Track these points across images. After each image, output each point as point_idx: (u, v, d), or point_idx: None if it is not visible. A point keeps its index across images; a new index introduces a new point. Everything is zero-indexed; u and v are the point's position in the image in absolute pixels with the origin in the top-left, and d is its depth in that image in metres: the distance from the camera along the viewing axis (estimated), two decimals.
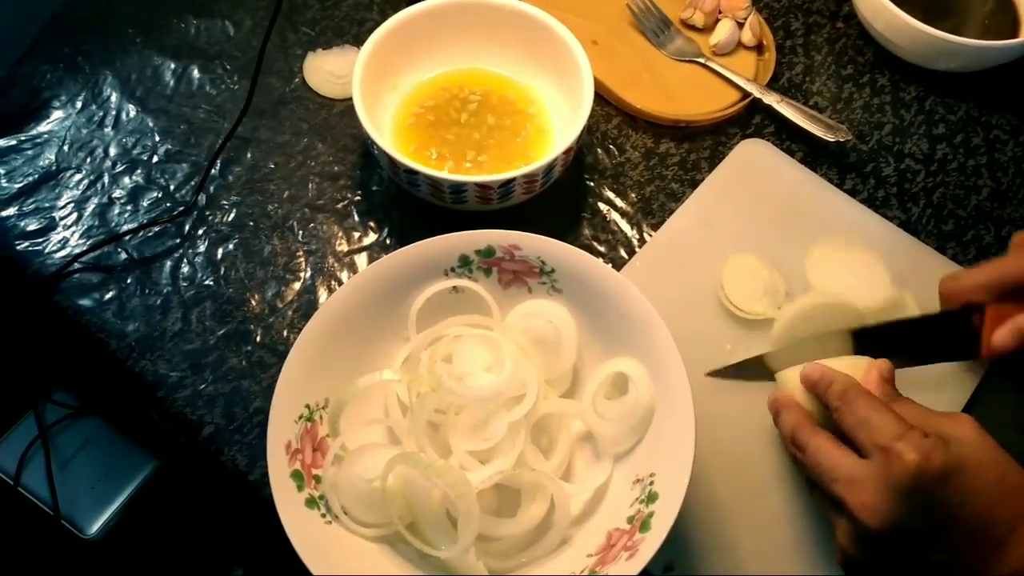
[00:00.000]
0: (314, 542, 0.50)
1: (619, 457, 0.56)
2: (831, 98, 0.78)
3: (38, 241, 0.69)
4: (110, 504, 1.00)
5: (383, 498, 0.52)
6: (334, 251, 0.69)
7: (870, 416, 0.47)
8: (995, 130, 0.77)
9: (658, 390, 0.54)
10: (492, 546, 0.53)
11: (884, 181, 0.74)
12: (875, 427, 0.47)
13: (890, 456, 0.45)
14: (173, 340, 0.65)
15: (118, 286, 0.67)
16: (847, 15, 0.83)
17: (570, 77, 0.68)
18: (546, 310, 0.59)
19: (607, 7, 0.80)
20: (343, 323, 0.56)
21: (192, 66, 0.77)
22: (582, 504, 0.56)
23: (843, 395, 0.49)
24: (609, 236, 0.70)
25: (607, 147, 0.75)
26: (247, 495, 0.60)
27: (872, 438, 0.46)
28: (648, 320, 0.54)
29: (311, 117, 0.75)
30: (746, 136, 0.75)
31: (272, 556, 0.55)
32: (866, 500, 0.45)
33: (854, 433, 0.48)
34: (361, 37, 0.71)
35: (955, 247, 0.71)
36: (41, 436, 1.00)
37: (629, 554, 0.49)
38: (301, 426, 0.54)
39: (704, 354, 0.63)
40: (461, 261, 0.59)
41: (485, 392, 0.54)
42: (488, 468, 0.54)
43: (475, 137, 0.70)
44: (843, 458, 0.48)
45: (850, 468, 0.47)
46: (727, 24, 0.78)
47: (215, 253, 0.68)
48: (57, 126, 0.74)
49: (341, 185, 0.72)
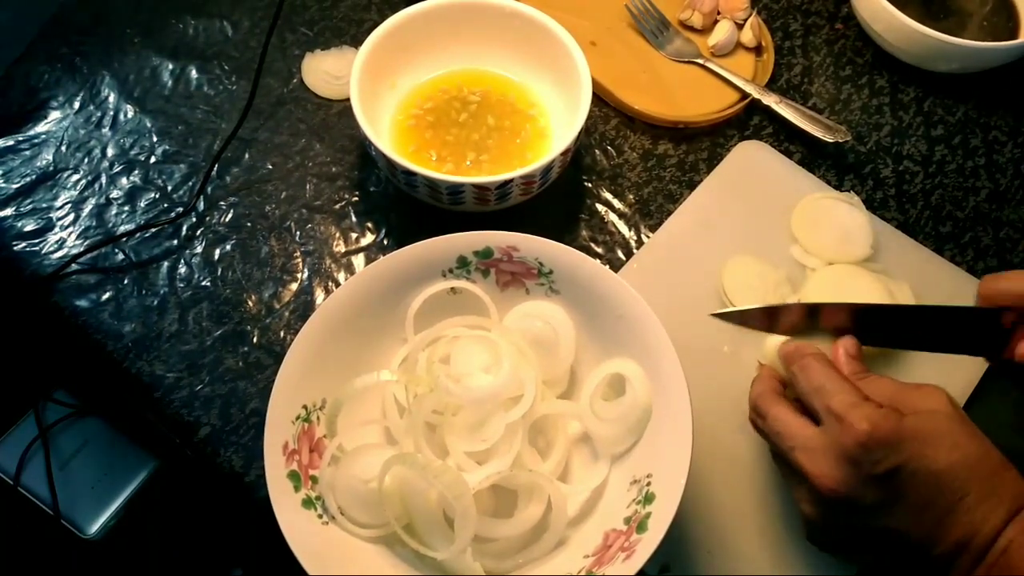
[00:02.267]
0: (311, 543, 0.50)
1: (616, 458, 0.56)
2: (830, 99, 0.78)
3: (35, 242, 0.69)
4: (110, 504, 1.00)
5: (380, 499, 0.52)
6: (331, 252, 0.69)
7: (824, 383, 0.49)
8: (994, 131, 0.77)
9: (655, 391, 0.54)
10: (489, 547, 0.53)
11: (882, 182, 0.74)
12: (828, 393, 0.48)
13: (843, 424, 0.46)
14: (170, 341, 0.65)
15: (115, 287, 0.67)
16: (846, 16, 0.83)
17: (568, 78, 0.68)
18: (544, 311, 0.59)
19: (606, 8, 0.80)
20: (340, 324, 0.56)
21: (190, 67, 0.77)
22: (579, 505, 0.56)
23: (800, 362, 0.51)
24: (607, 237, 0.70)
25: (605, 148, 0.74)
26: (244, 496, 0.60)
27: (825, 404, 0.48)
28: (645, 321, 0.54)
29: (309, 118, 0.75)
30: (744, 137, 0.75)
31: (271, 557, 0.55)
32: (823, 467, 0.46)
33: (808, 399, 0.49)
34: (359, 38, 0.71)
35: (953, 248, 0.71)
36: (41, 436, 1.00)
37: (626, 555, 0.49)
38: (298, 427, 0.54)
39: (702, 356, 0.63)
40: (459, 262, 0.59)
41: (482, 393, 0.54)
42: (485, 469, 0.54)
43: (474, 138, 0.70)
44: (800, 427, 0.49)
45: (807, 436, 0.48)
46: (726, 25, 0.78)
47: (212, 254, 0.68)
48: (55, 127, 0.74)
49: (339, 186, 0.72)
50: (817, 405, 0.49)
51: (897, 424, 0.46)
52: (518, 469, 0.54)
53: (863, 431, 0.45)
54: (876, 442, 0.45)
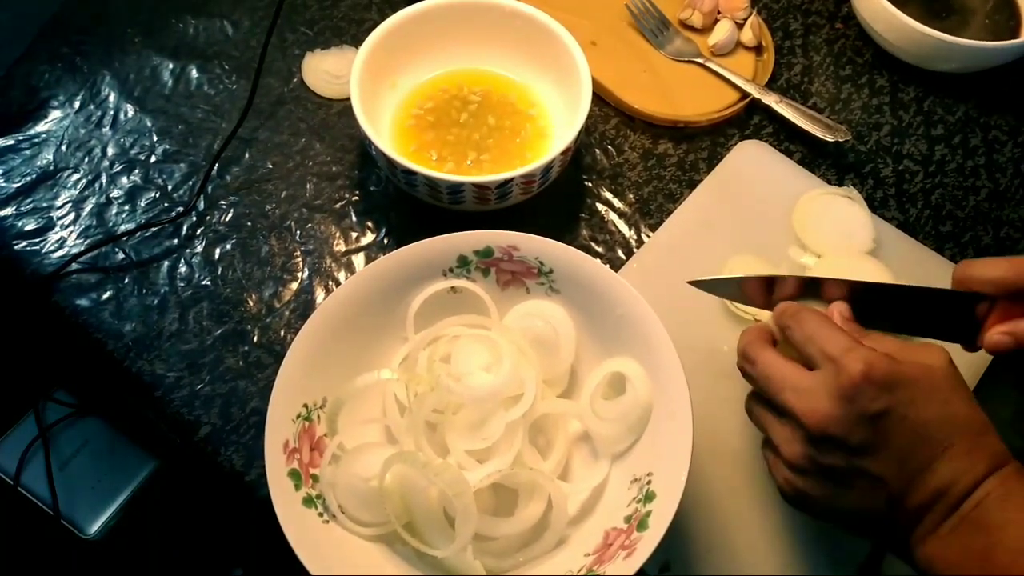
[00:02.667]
0: (311, 541, 0.50)
1: (617, 457, 0.56)
2: (830, 99, 0.78)
3: (36, 241, 0.69)
4: (110, 504, 1.00)
5: (380, 497, 0.52)
6: (332, 251, 0.69)
7: (818, 330, 0.49)
8: (994, 131, 0.77)
9: (655, 390, 0.54)
10: (489, 545, 0.53)
11: (883, 182, 0.74)
12: (823, 339, 0.48)
13: (838, 366, 0.46)
14: (170, 340, 0.65)
15: (115, 286, 0.67)
16: (846, 16, 0.83)
17: (568, 78, 0.68)
18: (544, 310, 0.59)
19: (606, 8, 0.80)
20: (341, 323, 0.56)
21: (190, 66, 0.77)
22: (579, 504, 0.56)
23: (795, 314, 0.51)
24: (607, 237, 0.70)
25: (605, 148, 0.75)
26: (244, 495, 0.60)
27: (821, 349, 0.48)
28: (645, 320, 0.54)
29: (309, 117, 0.75)
30: (744, 137, 0.75)
31: (271, 556, 0.55)
32: (815, 406, 0.47)
33: (803, 347, 0.50)
34: (360, 37, 0.71)
35: (953, 248, 0.71)
36: (41, 436, 1.00)
37: (626, 553, 0.49)
38: (299, 425, 0.54)
39: (702, 355, 0.63)
40: (459, 261, 0.59)
41: (483, 392, 0.54)
42: (486, 467, 0.54)
43: (475, 138, 0.70)
44: (791, 369, 0.49)
45: (799, 378, 0.48)
46: (726, 24, 0.78)
47: (212, 253, 0.69)
48: (55, 126, 0.74)
49: (339, 185, 0.72)
50: (812, 351, 0.49)
51: (892, 367, 0.46)
52: (519, 468, 0.54)
53: (858, 370, 0.46)
54: (870, 381, 0.46)
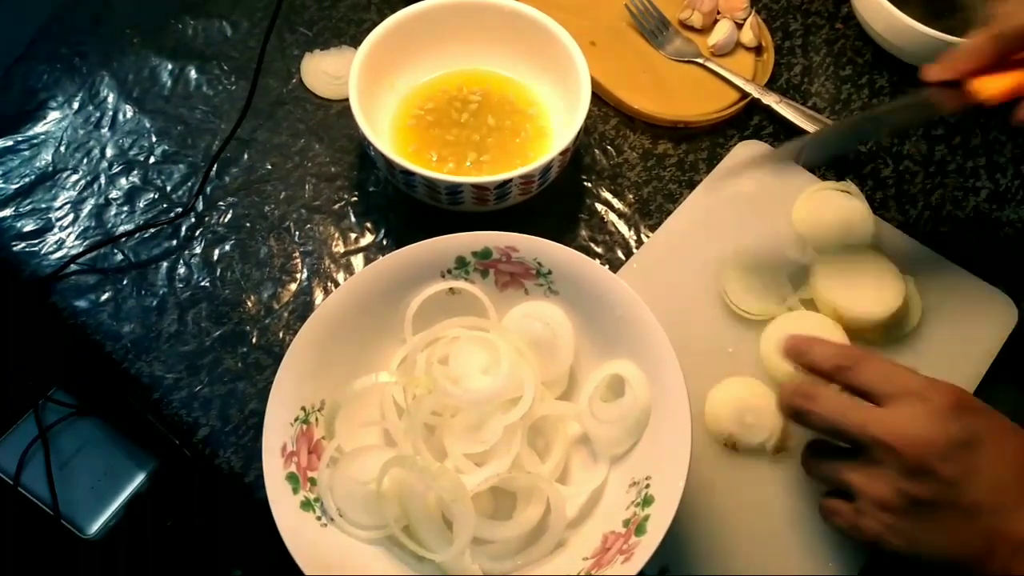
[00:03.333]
0: (309, 545, 0.50)
1: (615, 460, 0.56)
2: (830, 99, 0.78)
3: (34, 242, 0.69)
4: (110, 504, 1.00)
5: (378, 500, 0.52)
6: (330, 252, 0.69)
7: (891, 369, 0.50)
8: (993, 131, 0.77)
9: (655, 393, 0.54)
10: (488, 549, 0.53)
11: (883, 182, 0.74)
12: (901, 374, 0.49)
13: (924, 396, 0.47)
14: (169, 342, 0.65)
15: (114, 287, 0.67)
16: (846, 16, 0.83)
17: (568, 78, 0.68)
18: (543, 312, 0.58)
19: (605, 8, 0.80)
20: (339, 325, 0.56)
21: (189, 67, 0.77)
22: (578, 507, 0.55)
23: (847, 355, 0.51)
24: (606, 237, 0.70)
25: (605, 148, 0.74)
26: (243, 496, 0.60)
27: (904, 385, 0.48)
28: (645, 322, 0.54)
29: (308, 118, 0.75)
30: (744, 137, 0.75)
31: (270, 557, 0.55)
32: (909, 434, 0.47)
33: (876, 386, 0.49)
34: (359, 37, 0.71)
35: (953, 248, 0.71)
36: (41, 436, 1.00)
37: (625, 557, 0.49)
38: (297, 428, 0.53)
39: (702, 357, 0.62)
40: (458, 263, 0.58)
41: (481, 394, 0.54)
42: (484, 471, 0.54)
43: (475, 138, 0.70)
44: (867, 406, 0.49)
45: (880, 412, 0.48)
46: (726, 25, 0.78)
47: (211, 254, 0.68)
48: (54, 127, 0.74)
49: (338, 186, 0.72)
50: (889, 388, 0.49)
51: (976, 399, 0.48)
52: (517, 471, 0.54)
53: (952, 397, 0.47)
54: (963, 407, 0.47)
